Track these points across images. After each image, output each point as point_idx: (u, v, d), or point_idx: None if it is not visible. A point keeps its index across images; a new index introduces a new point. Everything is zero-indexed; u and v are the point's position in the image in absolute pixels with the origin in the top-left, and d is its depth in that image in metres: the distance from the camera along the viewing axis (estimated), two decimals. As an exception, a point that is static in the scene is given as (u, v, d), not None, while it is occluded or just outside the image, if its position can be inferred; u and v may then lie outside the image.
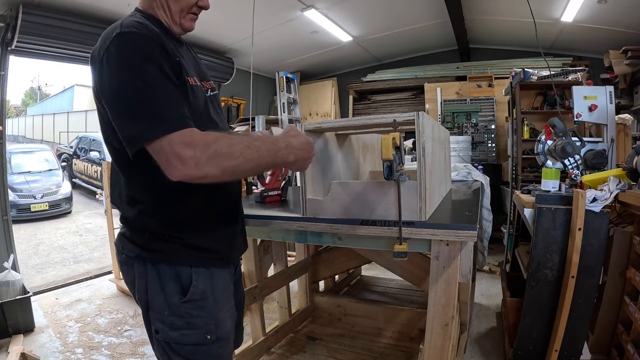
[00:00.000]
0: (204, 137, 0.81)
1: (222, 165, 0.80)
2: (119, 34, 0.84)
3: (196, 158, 0.78)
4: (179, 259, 0.95)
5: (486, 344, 2.34)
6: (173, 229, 0.95)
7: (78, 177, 9.69)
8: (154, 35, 0.87)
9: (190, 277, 0.95)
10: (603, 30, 4.11)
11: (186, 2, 0.97)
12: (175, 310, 0.93)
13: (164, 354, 0.97)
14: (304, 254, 2.43)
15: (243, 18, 3.62)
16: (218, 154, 0.80)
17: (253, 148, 0.85)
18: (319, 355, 2.08)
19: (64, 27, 3.20)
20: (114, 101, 0.83)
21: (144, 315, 0.98)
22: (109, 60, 0.83)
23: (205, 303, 0.96)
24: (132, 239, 0.97)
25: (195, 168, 0.78)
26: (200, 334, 0.95)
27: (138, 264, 0.96)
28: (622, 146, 2.97)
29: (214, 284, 0.99)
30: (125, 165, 0.94)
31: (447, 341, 1.10)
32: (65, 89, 20.31)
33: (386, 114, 4.26)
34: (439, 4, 4.08)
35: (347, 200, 1.18)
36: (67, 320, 2.85)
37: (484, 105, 4.91)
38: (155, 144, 0.79)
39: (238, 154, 0.82)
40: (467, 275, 1.13)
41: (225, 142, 0.82)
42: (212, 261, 0.99)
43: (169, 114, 0.81)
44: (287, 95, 3.45)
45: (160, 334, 0.95)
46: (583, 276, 1.69)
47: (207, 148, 0.79)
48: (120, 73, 0.81)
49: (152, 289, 0.94)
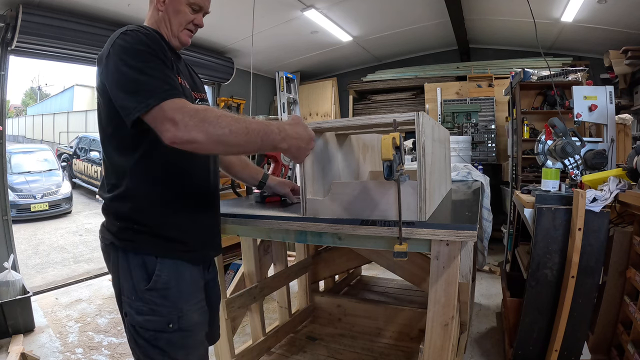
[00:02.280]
0: (194, 106, 0.89)
1: (208, 131, 0.86)
2: (125, 32, 0.96)
3: (185, 122, 0.85)
4: (145, 249, 1.01)
5: (486, 344, 2.34)
6: (143, 215, 1.01)
7: (78, 177, 9.70)
8: (157, 37, 1.00)
9: (154, 266, 1.01)
10: (603, 30, 4.11)
11: (184, 18, 1.10)
12: (140, 296, 1.01)
13: (131, 337, 1.04)
14: (304, 254, 2.43)
15: (243, 18, 3.62)
16: (205, 120, 0.87)
17: (242, 123, 0.91)
18: (319, 355, 2.08)
19: (64, 27, 3.20)
20: (116, 79, 0.92)
21: (117, 299, 1.07)
22: (114, 50, 0.93)
23: (168, 293, 1.02)
24: (108, 228, 1.05)
25: (185, 130, 0.85)
26: (162, 322, 1.01)
27: (112, 250, 1.04)
28: (622, 146, 2.97)
29: (179, 276, 1.04)
30: (114, 150, 1.02)
31: (447, 341, 1.10)
32: (65, 89, 20.31)
33: (386, 114, 4.24)
34: (439, 4, 4.08)
35: (347, 200, 1.18)
36: (67, 320, 2.85)
37: (484, 105, 4.91)
38: (151, 112, 0.87)
39: (224, 124, 0.88)
40: (467, 275, 1.13)
41: (214, 112, 0.89)
42: (179, 253, 1.05)
43: (163, 88, 0.89)
44: (287, 95, 3.45)
45: (128, 317, 1.03)
46: (583, 276, 1.69)
47: (197, 114, 0.87)
48: (124, 56, 0.92)
49: (122, 275, 1.02)
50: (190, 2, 1.10)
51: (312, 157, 1.26)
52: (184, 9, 1.09)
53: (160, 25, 1.10)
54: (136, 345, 1.03)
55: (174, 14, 1.09)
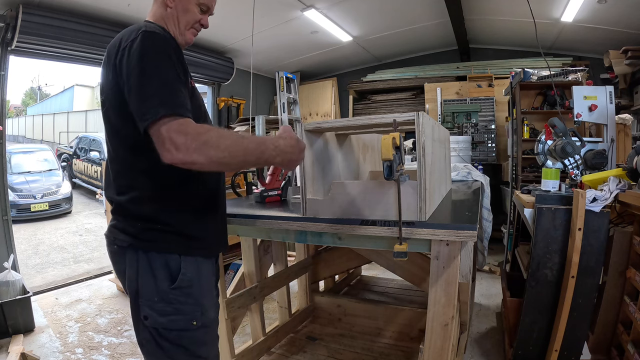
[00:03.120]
0: (197, 128, 0.89)
1: (209, 155, 0.88)
2: (145, 32, 0.95)
3: (187, 145, 0.86)
4: (168, 248, 1.01)
5: (486, 344, 2.34)
6: (165, 215, 1.01)
7: (78, 177, 9.70)
8: (173, 40, 1.02)
9: (179, 265, 1.01)
10: (603, 30, 4.11)
11: (192, 17, 1.12)
12: (164, 297, 1.00)
13: (151, 339, 1.02)
14: (304, 254, 2.43)
15: (243, 18, 3.62)
16: (207, 143, 0.88)
17: (240, 144, 0.94)
18: (319, 355, 2.08)
19: (64, 27, 3.20)
20: (132, 83, 0.92)
21: (133, 303, 1.04)
22: (131, 49, 0.93)
23: (191, 290, 1.03)
24: (125, 229, 1.03)
25: (186, 153, 0.86)
26: (187, 320, 1.01)
27: (129, 253, 1.02)
28: (622, 146, 2.97)
29: (200, 273, 1.06)
30: (129, 151, 1.01)
31: (447, 341, 1.10)
32: (65, 89, 20.33)
33: (386, 114, 4.25)
34: (439, 4, 4.08)
35: (347, 200, 1.18)
36: (67, 320, 2.85)
37: (484, 105, 4.91)
38: (154, 127, 0.88)
39: (224, 147, 0.90)
40: (467, 275, 1.13)
41: (215, 134, 0.90)
42: (199, 250, 1.06)
43: (173, 100, 0.90)
44: (287, 95, 3.44)
45: (149, 319, 1.00)
46: (583, 276, 1.69)
47: (199, 137, 0.88)
48: (142, 61, 0.92)
49: (143, 276, 1.00)
50: (200, 2, 1.12)
51: (312, 157, 1.26)
52: (193, 8, 1.11)
53: (167, 22, 1.10)
54: (158, 348, 1.01)
55: (183, 12, 1.10)
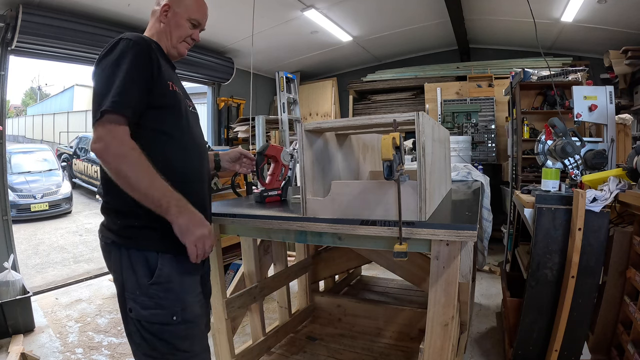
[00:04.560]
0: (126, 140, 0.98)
1: (118, 169, 0.97)
2: (121, 39, 1.05)
3: (110, 144, 0.96)
4: (146, 245, 1.06)
5: (486, 344, 2.34)
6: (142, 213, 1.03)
7: (78, 177, 9.69)
8: (149, 48, 1.07)
9: (157, 261, 1.06)
10: (603, 30, 4.11)
11: (184, 32, 1.22)
12: (145, 291, 1.05)
13: (135, 331, 1.07)
14: (304, 254, 2.43)
15: (243, 18, 3.62)
16: (124, 159, 0.97)
17: (146, 181, 0.98)
18: (319, 355, 2.08)
19: (64, 27, 3.20)
20: (94, 83, 1.04)
21: (120, 296, 1.10)
22: (105, 54, 1.04)
23: (170, 286, 1.07)
24: (109, 227, 1.10)
25: (104, 151, 0.96)
26: (167, 315, 1.06)
27: (114, 249, 1.08)
28: (622, 146, 2.97)
29: (179, 270, 1.09)
30: None
31: (447, 341, 1.10)
32: (65, 89, 20.29)
33: (386, 114, 4.26)
34: (439, 4, 4.08)
35: (347, 200, 1.18)
36: (67, 320, 2.85)
37: (484, 105, 4.91)
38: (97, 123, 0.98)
39: (133, 176, 0.97)
40: (467, 275, 1.13)
41: (137, 157, 0.98)
42: (176, 248, 1.06)
43: (116, 102, 0.97)
44: (287, 95, 3.45)
45: (133, 312, 1.06)
46: (583, 276, 1.69)
47: (122, 145, 0.97)
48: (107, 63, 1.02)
49: (126, 272, 1.06)
50: (191, 18, 1.21)
51: (312, 157, 1.26)
52: (184, 23, 1.20)
53: (160, 36, 1.19)
54: (142, 340, 1.07)
55: (175, 27, 1.19)
